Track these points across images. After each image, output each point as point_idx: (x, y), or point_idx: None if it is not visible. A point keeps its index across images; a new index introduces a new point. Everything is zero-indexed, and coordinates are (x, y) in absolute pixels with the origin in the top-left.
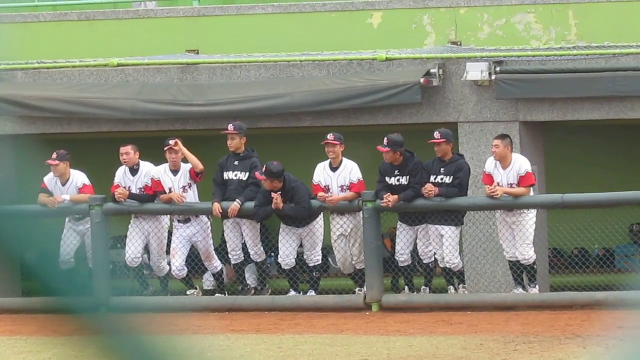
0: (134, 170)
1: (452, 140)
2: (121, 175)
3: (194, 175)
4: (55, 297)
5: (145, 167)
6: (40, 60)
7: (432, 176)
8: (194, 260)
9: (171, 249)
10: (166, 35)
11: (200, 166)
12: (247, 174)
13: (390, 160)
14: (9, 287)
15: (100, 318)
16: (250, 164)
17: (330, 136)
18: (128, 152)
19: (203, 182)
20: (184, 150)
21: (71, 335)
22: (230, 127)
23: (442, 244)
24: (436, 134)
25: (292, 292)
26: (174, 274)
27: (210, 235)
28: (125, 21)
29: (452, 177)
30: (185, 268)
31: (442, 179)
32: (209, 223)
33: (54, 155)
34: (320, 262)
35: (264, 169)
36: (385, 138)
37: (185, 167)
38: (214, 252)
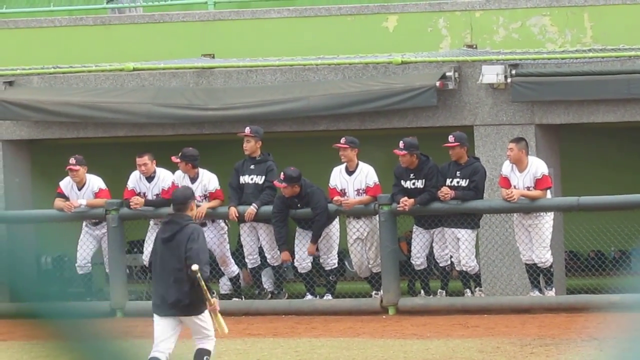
0: (150, 178)
1: (467, 144)
2: (136, 180)
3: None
4: (27, 302)
5: (162, 173)
6: (56, 65)
7: (448, 179)
8: (211, 265)
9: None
10: (182, 39)
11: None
12: (263, 177)
13: (407, 164)
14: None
15: (75, 323)
16: (266, 167)
17: (342, 140)
18: (146, 162)
19: (220, 186)
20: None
21: (45, 340)
22: (247, 130)
23: (459, 247)
24: (450, 138)
25: (309, 296)
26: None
27: (227, 240)
28: (141, 25)
29: (468, 180)
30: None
31: (458, 182)
32: (225, 228)
33: (73, 161)
34: (336, 265)
35: (282, 175)
36: (401, 141)
37: (204, 178)
38: (230, 256)
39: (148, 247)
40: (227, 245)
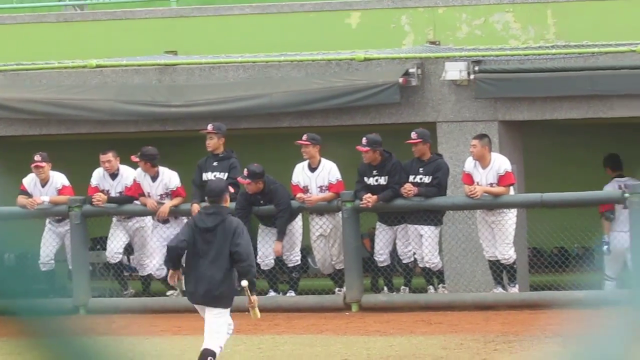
0: (113, 175)
1: (430, 140)
2: (99, 177)
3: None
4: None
5: (125, 171)
6: (19, 62)
7: (411, 176)
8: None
9: (150, 248)
10: (144, 36)
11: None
12: (226, 174)
13: (369, 160)
14: None
15: (38, 321)
16: (229, 164)
17: (304, 137)
18: (110, 159)
19: (182, 183)
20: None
21: (16, 337)
22: (210, 127)
23: (422, 243)
24: (413, 135)
25: (272, 293)
26: (153, 273)
27: None
28: (104, 22)
29: (431, 177)
30: (165, 268)
31: (421, 178)
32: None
33: (39, 158)
34: (299, 262)
35: (245, 172)
36: (364, 138)
37: (164, 176)
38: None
39: (111, 244)
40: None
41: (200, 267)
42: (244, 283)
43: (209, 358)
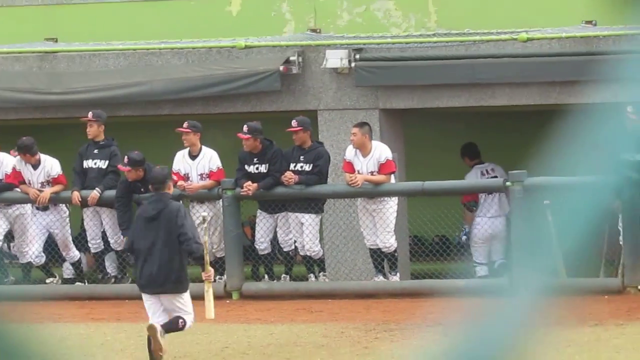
0: None
1: (310, 128)
2: None
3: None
4: None
5: (6, 158)
6: None
7: (292, 164)
8: (54, 249)
9: (28, 235)
10: (24, 23)
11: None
12: (107, 162)
13: (250, 148)
14: None
15: None
16: (109, 152)
17: (184, 124)
18: None
19: (63, 171)
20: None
21: None
22: (90, 114)
23: (302, 231)
24: (293, 123)
25: None
26: (31, 260)
27: (68, 225)
28: None
29: (311, 164)
30: (44, 255)
31: (302, 167)
32: (67, 212)
33: None
34: None
35: (126, 159)
36: (245, 125)
37: (46, 164)
38: (71, 241)
39: None
40: (69, 230)
41: (152, 256)
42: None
43: (180, 321)
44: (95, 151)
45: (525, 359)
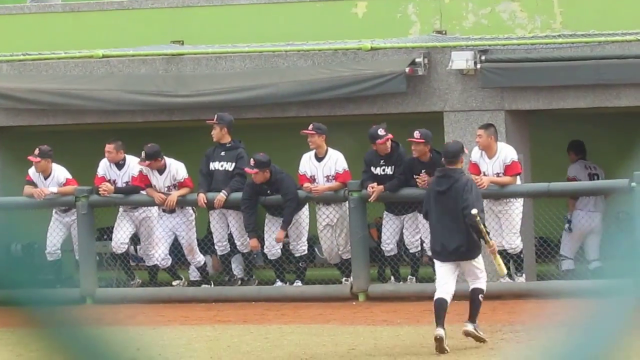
0: (119, 165)
1: (431, 142)
2: (106, 167)
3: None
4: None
5: (132, 161)
6: (25, 53)
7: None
8: (180, 251)
9: (155, 238)
10: (151, 26)
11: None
12: (234, 164)
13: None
14: None
15: (45, 311)
16: (236, 154)
17: (310, 127)
18: (110, 151)
19: (190, 173)
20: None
21: (23, 327)
22: (215, 117)
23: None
24: (416, 134)
25: (279, 283)
26: (158, 263)
27: (194, 228)
28: (110, 12)
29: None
30: (170, 257)
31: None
32: (193, 216)
33: (37, 152)
34: (305, 252)
35: (252, 161)
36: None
37: (171, 168)
38: (196, 246)
39: (117, 235)
40: (194, 235)
41: (445, 228)
42: (474, 211)
43: (480, 295)
44: (222, 153)
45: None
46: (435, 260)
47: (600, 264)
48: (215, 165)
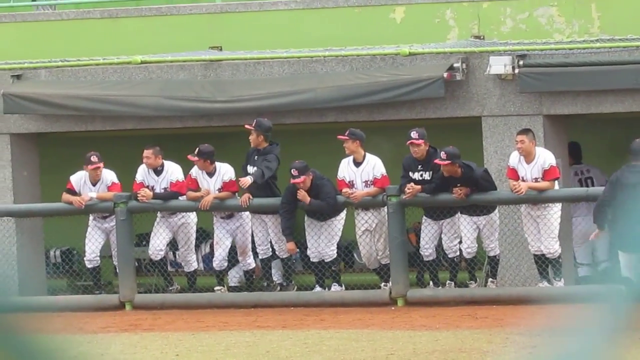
0: (158, 171)
1: (458, 159)
2: (144, 173)
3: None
4: None
5: (170, 167)
6: (63, 59)
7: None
8: (230, 254)
9: (214, 241)
10: (189, 32)
11: None
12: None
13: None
14: (35, 286)
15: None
16: (265, 158)
17: (346, 132)
18: (148, 156)
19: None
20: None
21: None
22: (254, 123)
23: (478, 233)
24: (442, 155)
25: (318, 288)
26: (215, 265)
27: (250, 231)
28: (149, 18)
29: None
30: (226, 260)
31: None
32: (248, 219)
33: (95, 159)
34: (335, 256)
35: (294, 171)
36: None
37: (221, 170)
38: (250, 249)
39: (154, 241)
40: (249, 237)
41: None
42: None
43: None
44: (256, 157)
45: None
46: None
47: (609, 264)
48: (249, 169)
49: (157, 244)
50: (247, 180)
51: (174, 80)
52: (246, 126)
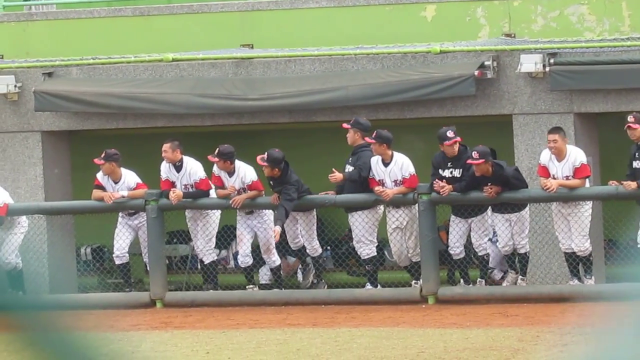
0: (177, 167)
1: (489, 157)
2: (166, 169)
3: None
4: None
5: (189, 164)
6: (95, 57)
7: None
8: (258, 255)
9: (237, 237)
10: (220, 30)
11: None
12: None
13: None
14: (64, 284)
15: (31, 316)
16: (357, 158)
17: (373, 134)
18: (166, 150)
19: (259, 176)
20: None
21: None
22: (346, 124)
23: (510, 230)
24: (474, 154)
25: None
26: (239, 261)
27: (272, 227)
28: (180, 16)
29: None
30: (251, 256)
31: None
32: (270, 216)
33: (102, 155)
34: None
35: (265, 155)
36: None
37: (240, 171)
38: (274, 247)
39: (198, 242)
40: (272, 233)
41: None
42: None
43: None
44: (350, 159)
45: None
46: None
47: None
48: (347, 168)
49: (205, 244)
50: (337, 176)
51: (205, 78)
52: (343, 125)
